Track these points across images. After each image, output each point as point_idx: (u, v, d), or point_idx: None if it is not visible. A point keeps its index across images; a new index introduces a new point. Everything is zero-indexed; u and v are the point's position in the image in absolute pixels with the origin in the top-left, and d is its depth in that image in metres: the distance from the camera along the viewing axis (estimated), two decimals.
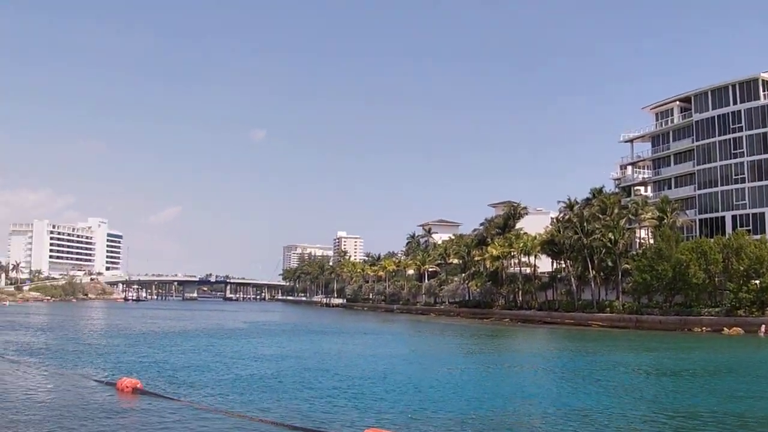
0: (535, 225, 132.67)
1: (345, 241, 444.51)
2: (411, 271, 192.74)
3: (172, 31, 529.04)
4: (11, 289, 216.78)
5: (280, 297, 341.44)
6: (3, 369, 42.91)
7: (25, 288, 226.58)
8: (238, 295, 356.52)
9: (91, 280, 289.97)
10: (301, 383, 39.12)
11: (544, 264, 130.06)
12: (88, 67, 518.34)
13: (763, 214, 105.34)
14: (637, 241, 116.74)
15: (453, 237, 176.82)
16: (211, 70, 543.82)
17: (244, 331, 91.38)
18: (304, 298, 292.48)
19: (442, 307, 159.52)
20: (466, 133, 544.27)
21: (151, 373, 41.29)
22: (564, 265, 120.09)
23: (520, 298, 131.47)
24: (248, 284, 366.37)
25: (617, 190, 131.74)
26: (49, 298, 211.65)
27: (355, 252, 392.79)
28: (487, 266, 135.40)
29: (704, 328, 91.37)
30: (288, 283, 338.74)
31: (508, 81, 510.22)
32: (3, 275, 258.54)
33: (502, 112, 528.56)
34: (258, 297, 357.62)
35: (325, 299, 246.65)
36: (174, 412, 28.72)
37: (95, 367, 44.17)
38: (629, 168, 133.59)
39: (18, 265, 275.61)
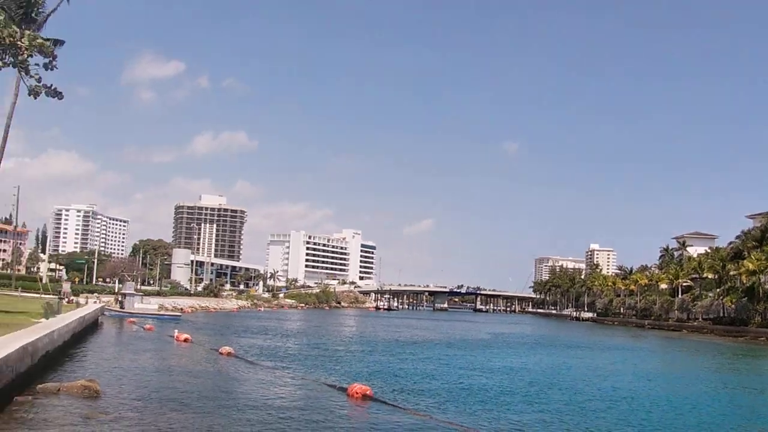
0: None
1: (597, 254, 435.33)
2: (664, 286, 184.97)
3: (435, 43, 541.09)
4: (267, 296, 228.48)
5: (530, 309, 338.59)
6: (242, 370, 45.29)
7: (281, 295, 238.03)
8: (488, 307, 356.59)
9: (347, 288, 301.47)
10: (529, 398, 38.58)
11: None
12: (334, 92, 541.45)
13: None
14: None
15: (708, 250, 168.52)
16: (461, 81, 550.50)
17: (485, 343, 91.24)
18: (554, 311, 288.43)
19: (695, 323, 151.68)
20: (719, 141, 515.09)
21: (382, 381, 42.06)
22: None
23: None
24: (498, 296, 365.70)
25: None
26: (303, 305, 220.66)
27: (608, 265, 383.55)
28: (743, 281, 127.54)
29: None
30: (538, 296, 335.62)
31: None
32: (261, 283, 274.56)
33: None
34: (508, 309, 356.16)
35: (574, 312, 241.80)
36: (398, 421, 29.03)
37: (330, 372, 45.53)
38: None
39: (275, 273, 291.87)
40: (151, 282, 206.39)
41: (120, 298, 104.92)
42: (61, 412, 25.41)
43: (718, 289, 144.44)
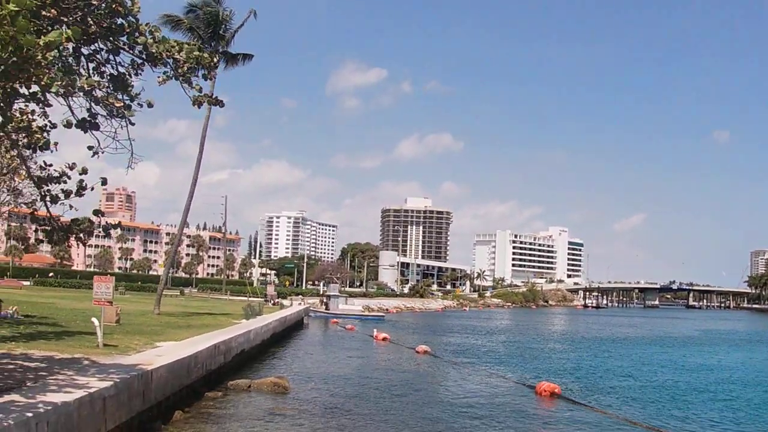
0: None
1: None
2: None
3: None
4: (474, 295, 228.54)
5: (745, 305, 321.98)
6: (435, 368, 45.39)
7: (487, 294, 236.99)
8: (701, 303, 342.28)
9: (554, 286, 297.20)
10: (723, 397, 37.13)
11: None
12: (536, 84, 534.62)
13: None
14: None
15: None
16: (670, 73, 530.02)
17: (692, 340, 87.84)
18: None
19: None
20: None
21: (574, 379, 41.40)
22: None
23: None
24: (712, 291, 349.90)
25: None
26: (509, 304, 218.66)
27: None
28: None
29: None
30: (754, 291, 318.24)
31: None
32: (468, 282, 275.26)
33: None
34: (722, 305, 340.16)
35: None
36: (583, 418, 28.42)
37: (523, 370, 45.04)
38: None
39: (482, 272, 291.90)
40: (359, 284, 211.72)
41: (325, 300, 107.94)
42: (248, 408, 26.36)
43: None
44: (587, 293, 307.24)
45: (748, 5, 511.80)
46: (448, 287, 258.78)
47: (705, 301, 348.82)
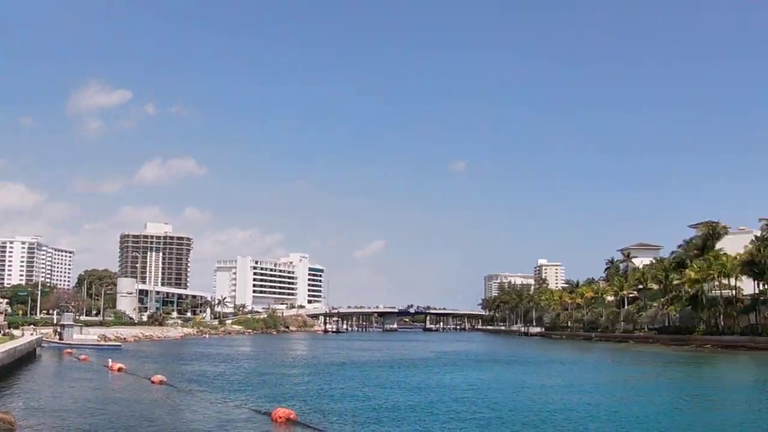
0: (737, 245, 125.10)
1: (546, 269, 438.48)
2: (610, 298, 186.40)
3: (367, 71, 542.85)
4: (215, 323, 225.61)
5: (479, 327, 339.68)
6: (170, 397, 44.36)
7: (228, 321, 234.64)
8: (438, 326, 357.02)
9: (295, 312, 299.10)
10: (453, 415, 38.31)
11: (750, 286, 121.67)
12: (282, 118, 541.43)
13: None
14: None
15: (653, 261, 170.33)
16: (409, 105, 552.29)
17: (428, 362, 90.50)
18: (503, 327, 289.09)
19: (641, 333, 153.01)
20: (662, 149, 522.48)
21: (310, 403, 41.54)
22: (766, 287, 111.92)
23: (722, 323, 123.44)
24: (448, 314, 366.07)
25: None
26: (250, 330, 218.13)
27: (556, 279, 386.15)
28: (687, 290, 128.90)
29: None
30: (487, 313, 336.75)
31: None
32: (209, 309, 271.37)
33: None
34: (458, 327, 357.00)
35: (523, 328, 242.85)
36: None
37: (259, 397, 44.87)
38: None
39: (223, 299, 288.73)
40: (96, 312, 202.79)
41: (59, 329, 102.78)
42: None
43: (662, 299, 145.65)
44: (328, 318, 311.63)
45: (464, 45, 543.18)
46: (189, 314, 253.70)
47: (442, 323, 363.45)
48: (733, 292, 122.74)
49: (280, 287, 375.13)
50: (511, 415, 38.48)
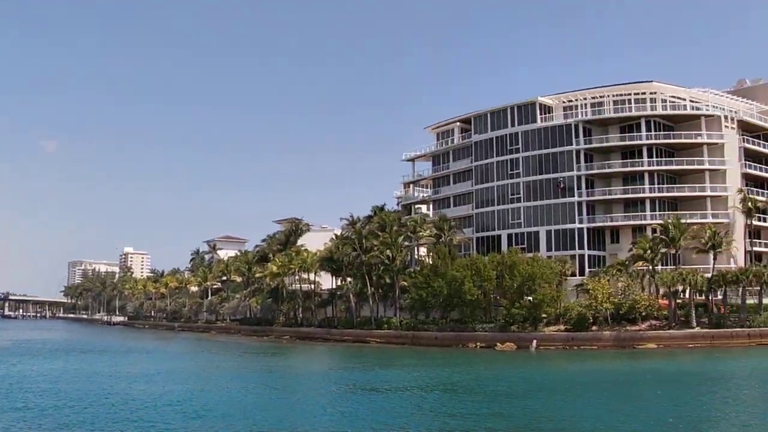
0: (318, 241, 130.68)
1: (132, 257, 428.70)
2: (195, 288, 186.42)
3: None
4: None
5: (61, 315, 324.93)
6: None
7: None
8: (17, 313, 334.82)
9: None
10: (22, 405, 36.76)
11: (328, 281, 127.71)
12: None
13: (537, 233, 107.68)
14: (417, 258, 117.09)
15: (238, 253, 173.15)
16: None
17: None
18: (85, 316, 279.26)
19: (223, 324, 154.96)
20: (255, 143, 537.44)
21: None
22: (344, 282, 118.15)
23: (300, 315, 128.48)
24: (28, 301, 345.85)
25: (399, 208, 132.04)
26: None
27: (142, 269, 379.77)
28: (268, 283, 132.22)
29: (478, 343, 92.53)
30: (70, 300, 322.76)
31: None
32: None
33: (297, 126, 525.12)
34: (39, 315, 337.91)
35: (106, 317, 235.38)
36: None
37: None
38: (411, 186, 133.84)
39: None
40: None
41: None
42: None
43: (245, 291, 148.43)
44: None
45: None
46: None
47: (22, 310, 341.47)
48: (313, 286, 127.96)
49: None
50: (72, 404, 37.55)
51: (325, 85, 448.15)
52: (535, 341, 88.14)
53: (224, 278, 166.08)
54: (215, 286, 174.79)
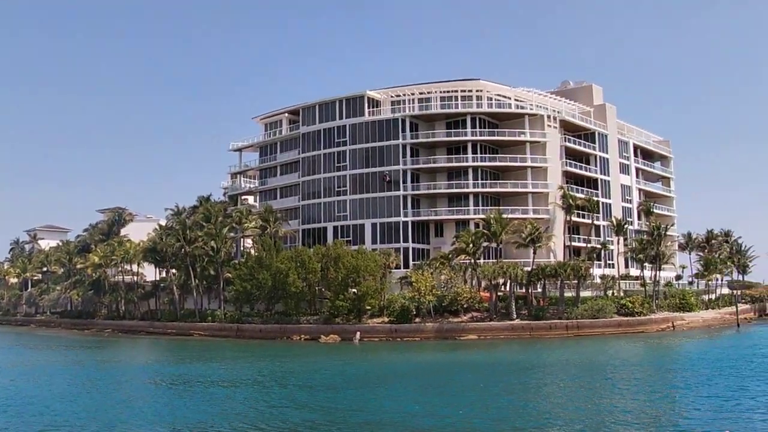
0: (143, 232, 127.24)
1: None
2: (14, 280, 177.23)
3: None
4: None
5: None
6: None
7: None
8: None
9: None
10: None
11: (152, 272, 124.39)
12: None
13: (362, 226, 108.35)
14: (242, 250, 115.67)
15: (60, 243, 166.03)
16: None
17: None
18: None
19: (43, 317, 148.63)
20: (81, 131, 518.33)
21: None
22: (168, 274, 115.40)
23: (123, 308, 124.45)
24: None
25: (226, 198, 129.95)
26: None
27: None
28: (90, 274, 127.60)
29: (303, 336, 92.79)
30: None
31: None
32: None
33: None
34: None
35: None
36: None
37: None
38: (239, 177, 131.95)
39: None
40: None
41: None
42: None
43: (65, 283, 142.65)
44: None
45: None
46: None
47: None
48: (136, 278, 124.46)
49: None
50: None
51: (153, 71, 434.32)
52: (358, 333, 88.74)
53: (45, 269, 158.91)
54: (35, 278, 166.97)
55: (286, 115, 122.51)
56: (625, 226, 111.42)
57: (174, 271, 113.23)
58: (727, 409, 34.78)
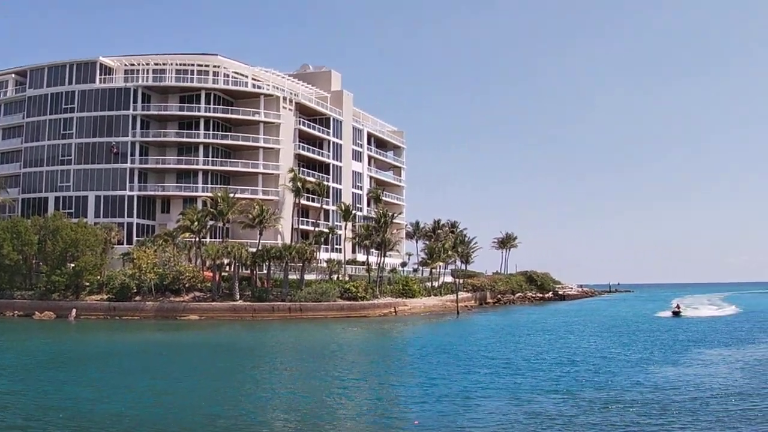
0: None
1: None
2: None
3: None
4: None
5: None
6: None
7: None
8: None
9: None
10: None
11: None
12: None
13: (86, 198, 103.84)
14: None
15: None
16: None
17: None
18: None
19: None
20: None
21: None
22: None
23: None
24: None
25: None
26: None
27: None
28: None
29: (16, 312, 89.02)
30: None
31: None
32: None
33: None
34: None
35: None
36: None
37: None
38: None
39: None
40: None
41: None
42: None
43: None
44: None
45: None
46: None
47: None
48: None
49: None
50: None
51: None
52: (74, 310, 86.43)
53: None
54: None
55: (13, 75, 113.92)
56: (354, 212, 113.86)
57: None
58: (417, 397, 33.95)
